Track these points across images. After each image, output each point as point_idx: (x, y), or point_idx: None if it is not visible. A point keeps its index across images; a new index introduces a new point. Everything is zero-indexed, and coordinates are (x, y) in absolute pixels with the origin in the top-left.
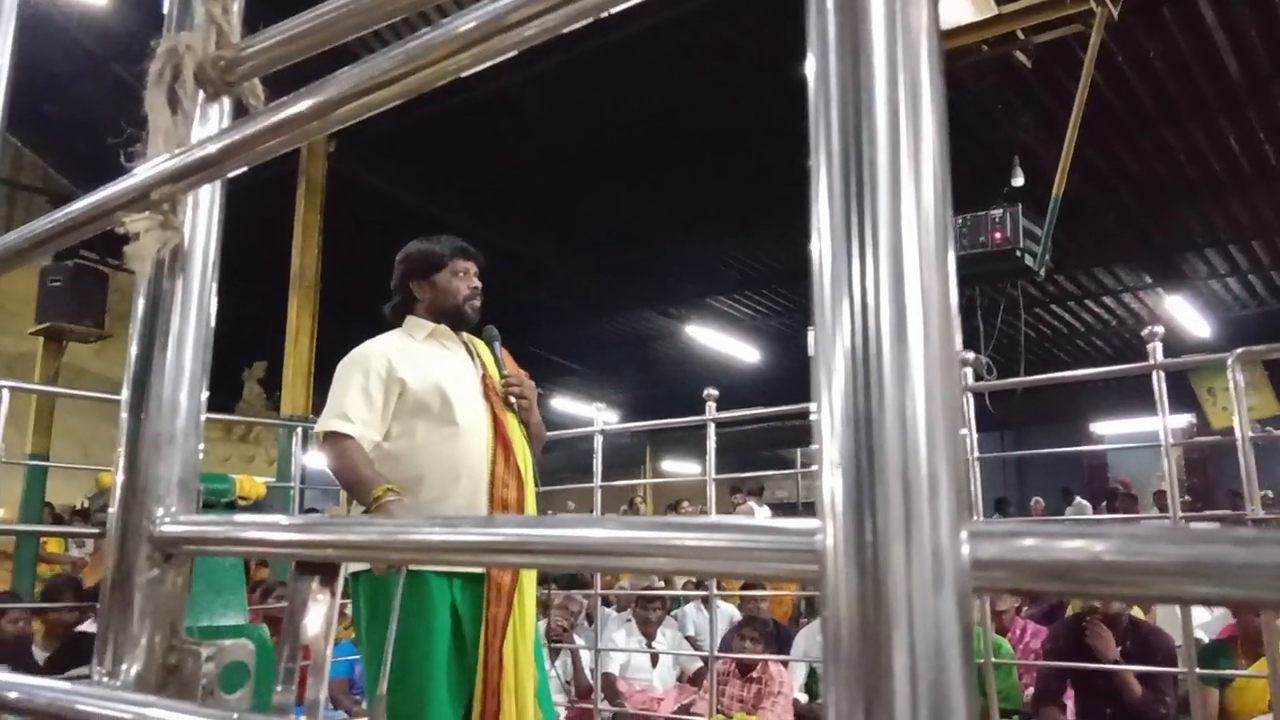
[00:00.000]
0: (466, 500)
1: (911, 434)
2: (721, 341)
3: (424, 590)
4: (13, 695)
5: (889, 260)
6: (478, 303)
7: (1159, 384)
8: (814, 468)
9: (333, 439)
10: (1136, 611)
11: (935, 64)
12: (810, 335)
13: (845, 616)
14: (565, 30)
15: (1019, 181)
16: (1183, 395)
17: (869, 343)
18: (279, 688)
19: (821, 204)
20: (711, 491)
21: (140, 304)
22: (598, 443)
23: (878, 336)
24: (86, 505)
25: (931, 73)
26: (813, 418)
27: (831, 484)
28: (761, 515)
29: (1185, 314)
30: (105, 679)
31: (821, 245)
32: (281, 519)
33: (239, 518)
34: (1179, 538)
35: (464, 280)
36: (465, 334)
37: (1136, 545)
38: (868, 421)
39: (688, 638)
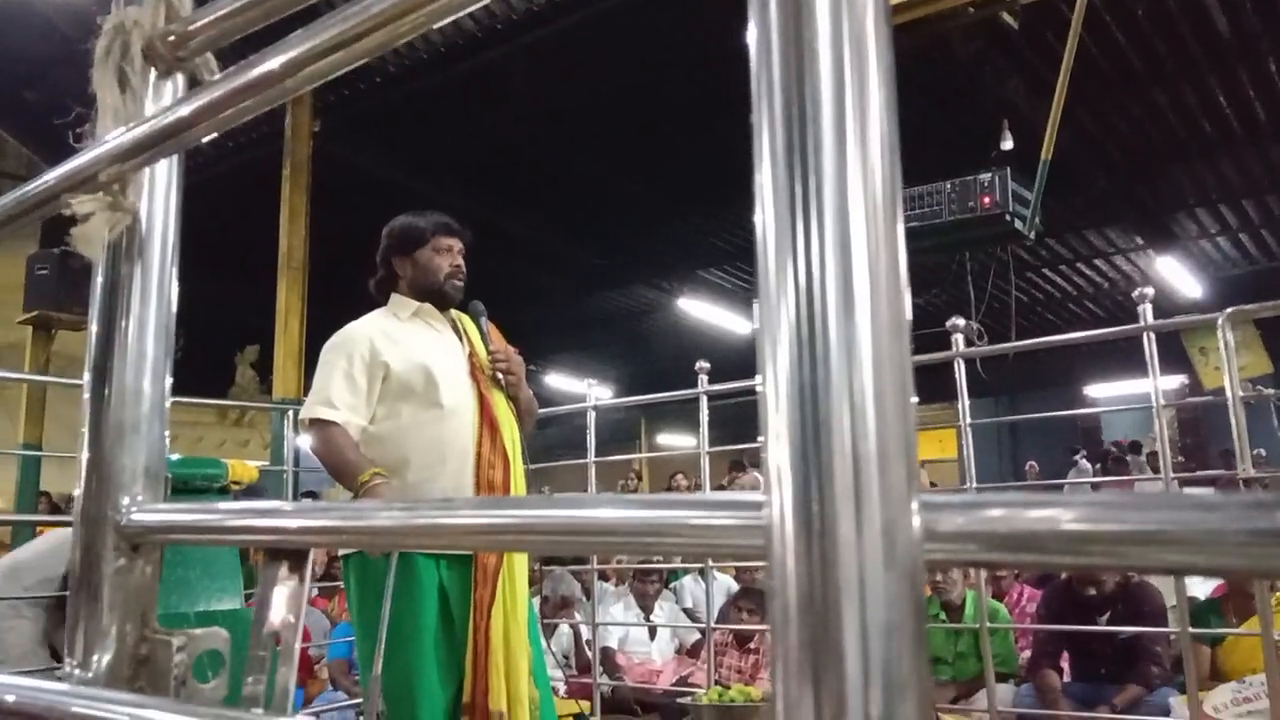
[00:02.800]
0: (453, 481)
1: (859, 405)
2: (714, 314)
3: (411, 571)
4: None
5: (835, 228)
6: (460, 281)
7: (1150, 345)
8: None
9: (318, 425)
10: None
11: (881, 17)
12: (755, 307)
13: (793, 592)
14: None
15: (1008, 145)
16: (1175, 356)
17: (815, 312)
18: (249, 678)
19: (764, 170)
20: (705, 464)
21: (97, 289)
22: (590, 418)
23: (823, 306)
24: None
25: (877, 26)
26: (758, 389)
27: (778, 457)
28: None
29: (1176, 274)
30: (76, 671)
31: (765, 213)
32: (251, 505)
33: (207, 506)
34: (1142, 504)
35: (446, 257)
36: (453, 311)
37: (1096, 513)
38: (814, 393)
39: (685, 610)
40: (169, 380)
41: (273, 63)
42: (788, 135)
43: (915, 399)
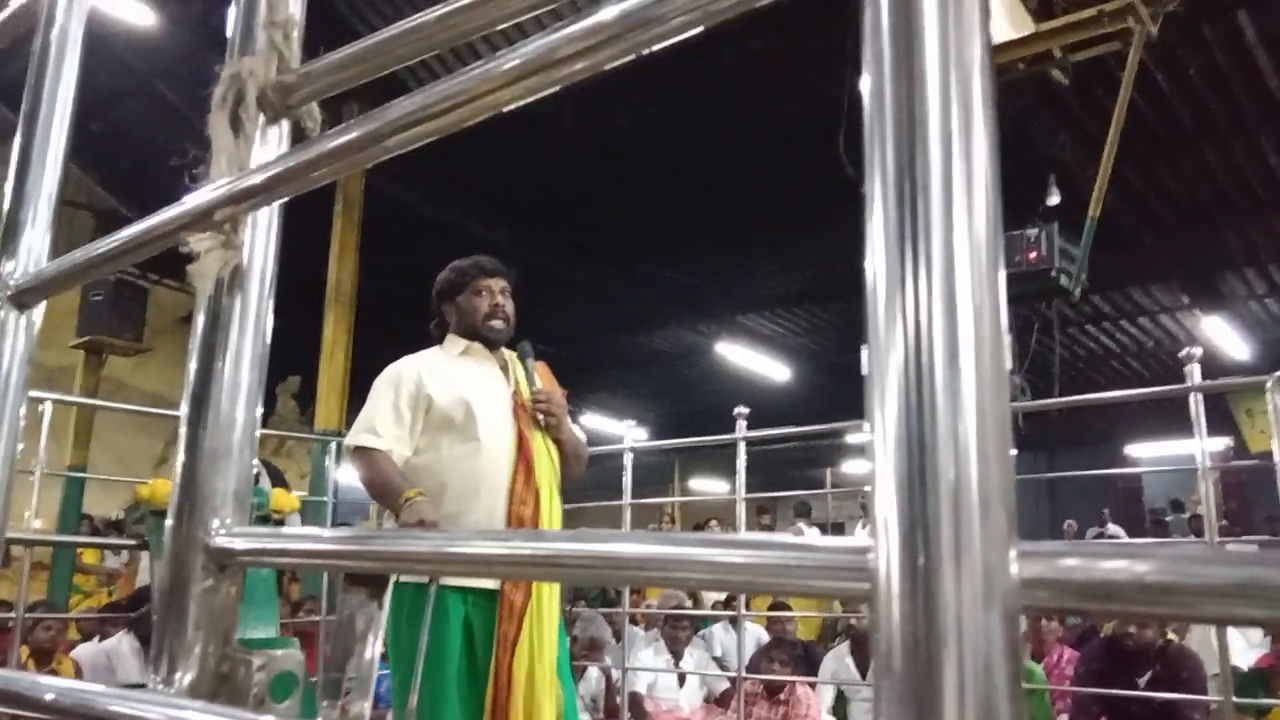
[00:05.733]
0: (484, 515)
1: (963, 454)
2: (751, 359)
3: (439, 604)
4: (69, 702)
5: (942, 280)
6: (499, 320)
7: (1197, 406)
8: (844, 489)
9: (362, 452)
10: (1168, 634)
11: (988, 87)
12: (864, 354)
13: (897, 634)
14: (607, 68)
15: (1055, 200)
16: (1220, 418)
17: (922, 363)
18: (324, 702)
19: (875, 224)
20: (741, 511)
21: (200, 321)
22: (628, 460)
23: (930, 357)
24: (122, 517)
25: (984, 95)
26: (866, 437)
27: (884, 503)
28: (812, 536)
29: (1223, 335)
30: (160, 686)
31: (875, 264)
32: (332, 532)
33: (291, 530)
34: (1224, 559)
35: (485, 298)
36: (505, 351)
37: (1181, 566)
38: (920, 442)
39: (715, 659)
40: (259, 410)
41: (374, 125)
42: (899, 190)
43: (1014, 450)
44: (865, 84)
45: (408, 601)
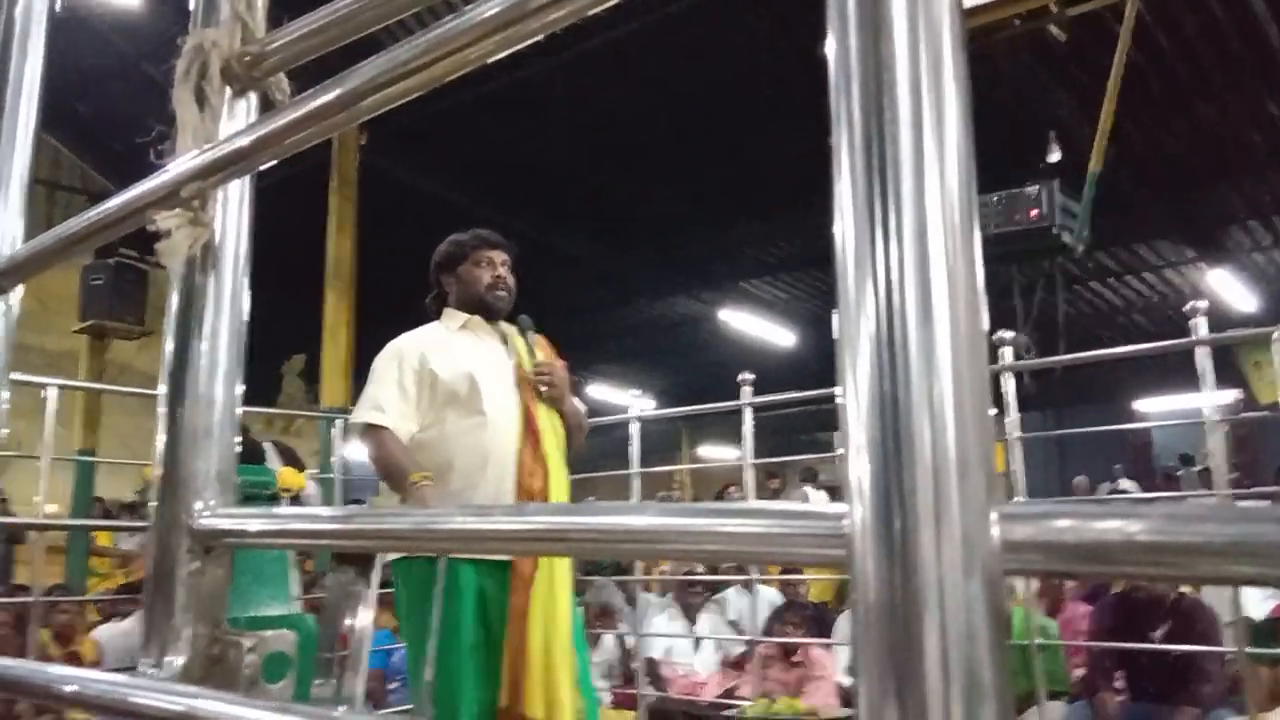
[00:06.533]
0: (493, 488)
1: (939, 415)
2: (756, 325)
3: (452, 577)
4: (67, 688)
5: (914, 240)
6: (502, 291)
7: (1203, 360)
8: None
9: (370, 430)
10: (1181, 586)
11: (957, 37)
12: (835, 318)
13: (875, 600)
14: (591, 12)
15: (1055, 158)
16: (1228, 370)
17: (894, 324)
18: (318, 680)
19: (844, 183)
20: (749, 476)
21: (174, 300)
22: (634, 429)
23: (903, 318)
24: (136, 499)
25: (954, 46)
26: (839, 401)
27: (858, 468)
28: (818, 500)
29: (1229, 288)
30: (151, 670)
31: (844, 226)
32: (319, 511)
33: (276, 510)
34: (1216, 516)
35: (487, 270)
36: (503, 325)
37: (1173, 525)
38: (894, 404)
39: (729, 623)
40: (240, 388)
41: (346, 87)
42: (866, 148)
43: (993, 410)
44: (829, 36)
45: (418, 576)
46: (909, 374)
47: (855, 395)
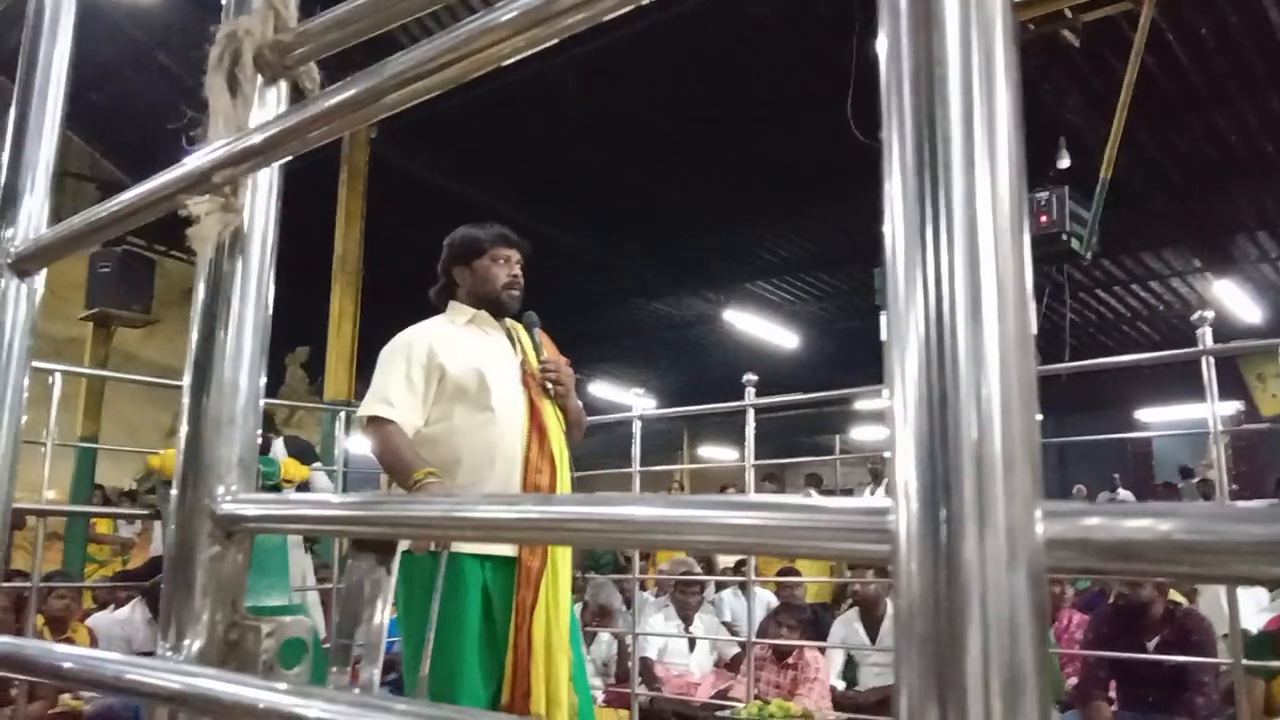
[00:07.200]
0: (500, 484)
1: (986, 413)
2: (760, 326)
3: (456, 571)
4: (83, 670)
5: (964, 239)
6: (517, 291)
7: (1208, 370)
8: (853, 455)
9: (376, 423)
10: (1176, 596)
11: (1009, 37)
12: (882, 318)
13: (918, 596)
14: (608, 17)
15: (1065, 163)
16: (1231, 381)
17: (943, 323)
18: (334, 668)
19: (894, 182)
20: (750, 477)
21: (201, 287)
22: (636, 428)
23: (952, 316)
24: (134, 487)
25: (1005, 43)
26: (885, 400)
27: (905, 464)
28: None
29: (1235, 298)
30: (169, 653)
31: (894, 224)
32: (339, 497)
33: (297, 496)
34: (1253, 517)
35: (504, 268)
36: (508, 321)
37: (1208, 524)
38: (942, 402)
39: (724, 623)
40: (263, 377)
41: (375, 80)
42: (918, 146)
43: (1039, 412)
44: (881, 33)
45: (420, 570)
46: (957, 373)
47: (903, 393)
